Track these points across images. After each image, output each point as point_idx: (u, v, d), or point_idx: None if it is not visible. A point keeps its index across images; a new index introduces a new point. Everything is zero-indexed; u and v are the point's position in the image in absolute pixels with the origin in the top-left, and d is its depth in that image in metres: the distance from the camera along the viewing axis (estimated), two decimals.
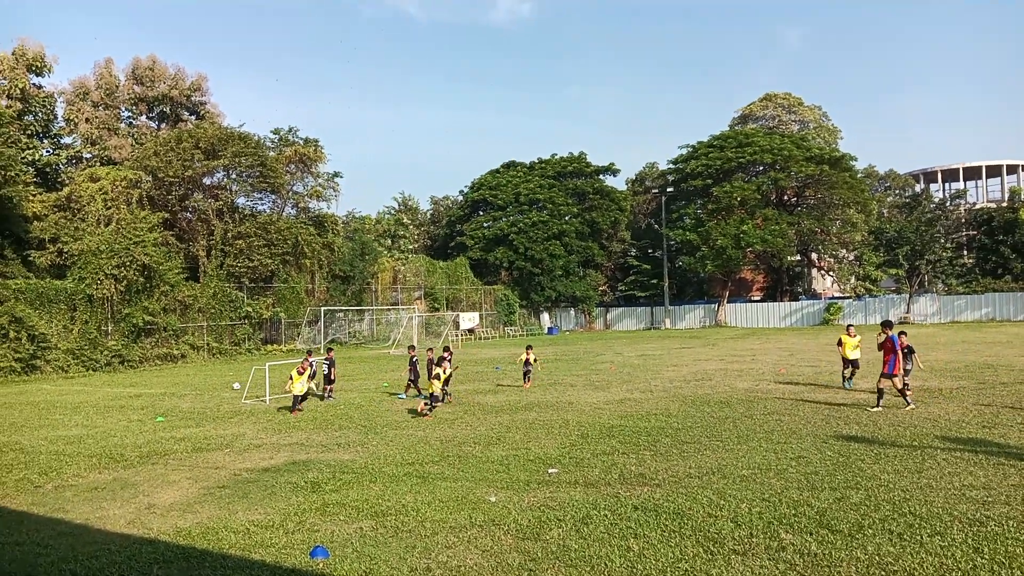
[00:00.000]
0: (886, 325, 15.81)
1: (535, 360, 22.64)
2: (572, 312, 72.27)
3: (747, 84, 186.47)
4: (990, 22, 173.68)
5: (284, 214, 51.13)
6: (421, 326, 51.47)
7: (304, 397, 18.64)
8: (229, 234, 44.45)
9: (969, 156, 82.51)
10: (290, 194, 52.13)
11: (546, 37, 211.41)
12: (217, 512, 9.24)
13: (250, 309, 43.49)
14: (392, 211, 74.73)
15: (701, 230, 62.60)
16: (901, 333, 16.89)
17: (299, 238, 46.69)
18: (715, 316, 67.02)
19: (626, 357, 32.83)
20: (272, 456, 12.76)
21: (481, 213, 71.28)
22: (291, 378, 18.66)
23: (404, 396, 20.51)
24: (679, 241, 65.59)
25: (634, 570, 6.62)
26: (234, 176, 47.03)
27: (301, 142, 52.67)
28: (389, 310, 54.85)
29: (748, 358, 29.66)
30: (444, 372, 17.42)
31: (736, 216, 61.56)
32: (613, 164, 71.91)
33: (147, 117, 52.40)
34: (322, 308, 47.06)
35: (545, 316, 70.36)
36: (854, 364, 19.08)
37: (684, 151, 67.75)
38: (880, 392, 15.24)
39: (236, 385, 25.48)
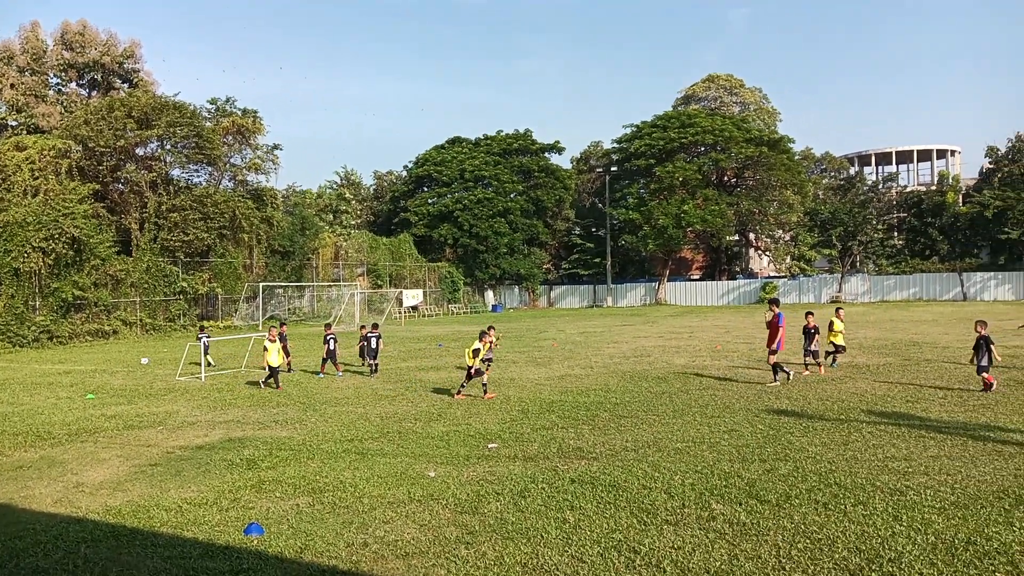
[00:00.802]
0: (773, 303, 16.43)
1: (498, 340, 19.97)
2: (516, 290, 72.53)
3: (691, 64, 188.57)
4: (924, 12, 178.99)
5: (221, 187, 49.79)
6: (363, 303, 50.98)
7: (273, 372, 17.85)
8: (163, 207, 43.10)
9: (902, 140, 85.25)
10: (227, 166, 50.75)
11: (495, 11, 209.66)
12: (148, 490, 9.05)
13: (185, 284, 42.39)
14: (334, 186, 73.51)
15: (644, 209, 63.35)
16: (808, 313, 17.54)
17: (237, 212, 45.54)
18: (656, 294, 68.12)
19: (568, 334, 33.15)
20: (207, 433, 12.53)
21: (426, 189, 70.70)
22: (265, 349, 18.06)
23: (322, 374, 20.22)
24: (622, 220, 66.28)
25: (569, 541, 6.73)
26: (169, 147, 45.48)
27: (239, 113, 51.19)
28: (330, 287, 54.12)
29: (686, 335, 30.28)
30: (484, 348, 16.01)
31: (678, 196, 62.45)
32: (559, 142, 72.06)
33: (77, 84, 50.20)
34: (260, 284, 46.15)
35: (490, 294, 70.45)
36: (841, 349, 18.89)
37: (628, 131, 68.28)
38: (774, 367, 15.93)
39: (145, 360, 25.15)
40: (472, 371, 15.39)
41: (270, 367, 17.88)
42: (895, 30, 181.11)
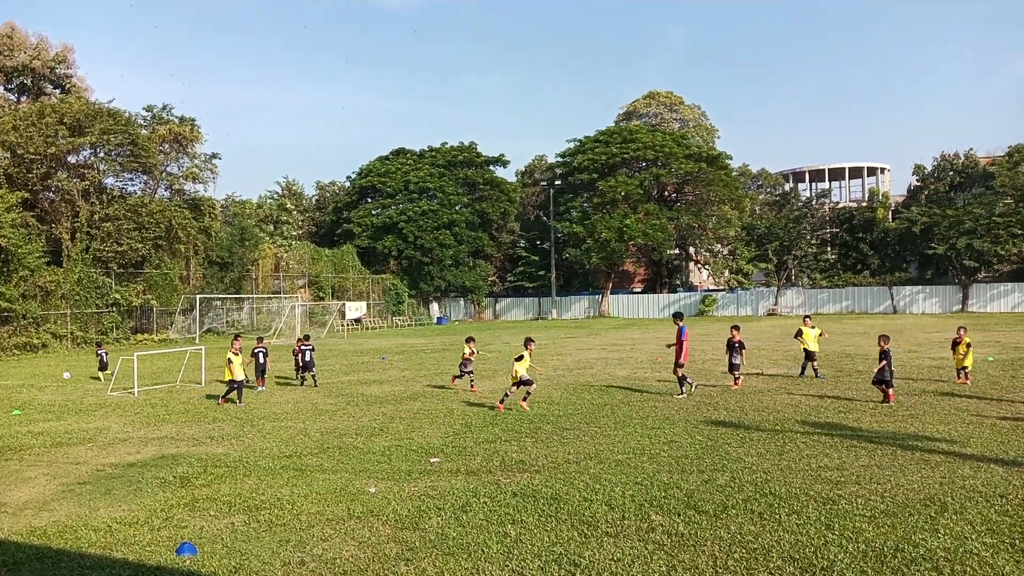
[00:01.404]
0: (677, 316, 16.92)
1: (476, 353, 19.50)
2: (462, 302, 72.37)
3: (633, 81, 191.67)
4: (856, 35, 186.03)
5: (157, 196, 48.46)
6: (305, 315, 50.15)
7: (239, 386, 17.18)
8: (96, 216, 41.74)
9: (834, 158, 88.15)
10: (163, 175, 49.44)
11: (439, 23, 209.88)
12: (76, 510, 8.71)
13: (118, 296, 41.07)
14: (275, 196, 72.22)
15: (587, 223, 64.06)
16: (733, 327, 17.82)
17: (173, 222, 44.37)
18: (599, 307, 68.80)
19: (513, 347, 33.17)
20: (139, 450, 12.13)
21: (369, 200, 70.10)
22: (229, 361, 17.34)
23: (263, 388, 19.82)
24: (566, 233, 66.87)
25: (510, 555, 6.72)
26: (102, 155, 44.12)
27: (176, 121, 49.97)
28: (270, 299, 53.11)
29: (628, 347, 30.63)
30: (529, 356, 15.67)
31: (620, 210, 63.35)
32: (503, 155, 72.44)
33: (5, 89, 48.38)
34: (197, 296, 44.99)
35: (435, 306, 70.11)
36: (812, 356, 19.11)
37: (572, 145, 69.06)
38: (680, 379, 16.34)
39: (67, 375, 24.39)
40: (522, 381, 14.98)
41: (232, 381, 17.22)
42: (828, 51, 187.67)
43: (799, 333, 19.42)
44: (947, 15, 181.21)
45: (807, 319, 20.19)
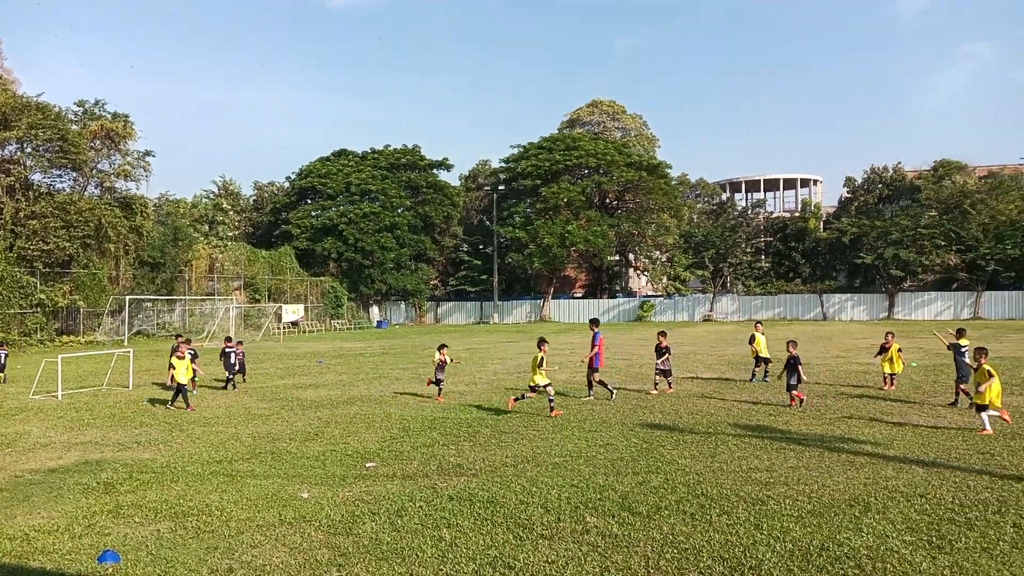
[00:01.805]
0: (593, 323, 17.16)
1: (451, 361, 18.40)
2: (403, 306, 71.83)
3: (577, 89, 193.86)
4: (791, 48, 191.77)
5: (86, 193, 46.70)
6: (240, 318, 49.02)
7: (181, 390, 16.65)
8: (21, 213, 40.00)
9: (769, 169, 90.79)
10: (94, 172, 47.68)
11: (384, 25, 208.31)
12: None
13: (43, 296, 39.39)
14: (211, 195, 70.48)
15: (530, 228, 64.40)
16: (660, 333, 18.00)
17: (103, 220, 42.80)
18: (540, 312, 69.17)
19: (454, 351, 33.01)
20: (61, 456, 11.65)
21: (309, 201, 68.99)
22: (171, 366, 16.84)
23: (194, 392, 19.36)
24: (509, 238, 67.08)
25: (444, 559, 6.67)
26: (29, 150, 42.25)
27: (109, 116, 48.26)
28: (204, 300, 51.73)
29: (568, 352, 30.84)
30: (541, 357, 15.08)
31: (562, 216, 63.89)
32: (447, 159, 72.27)
33: None
34: (127, 297, 43.51)
35: (375, 309, 69.40)
36: (767, 361, 19.39)
37: (516, 151, 69.38)
38: (590, 383, 16.68)
39: None
40: (537, 386, 14.70)
41: (178, 385, 16.65)
42: (764, 65, 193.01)
43: (752, 339, 19.68)
44: (878, 34, 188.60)
45: (758, 324, 20.50)
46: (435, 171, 71.90)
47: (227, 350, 20.40)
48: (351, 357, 30.68)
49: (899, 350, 17.49)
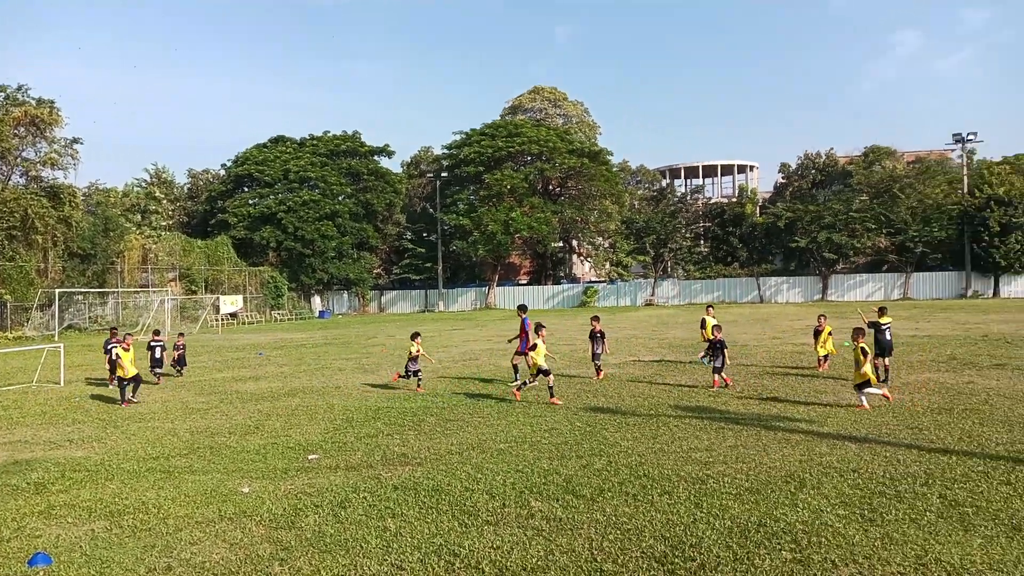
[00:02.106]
0: (521, 309, 17.25)
1: (419, 353, 16.97)
2: (345, 295, 70.96)
3: (519, 75, 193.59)
4: (728, 37, 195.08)
5: (11, 183, 44.75)
6: (175, 310, 47.73)
7: (133, 381, 16.15)
8: None
9: (708, 156, 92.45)
10: (18, 160, 45.67)
11: (324, 9, 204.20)
12: None
13: None
14: (143, 184, 68.23)
15: (474, 215, 64.24)
16: (594, 318, 17.93)
17: (29, 211, 41.13)
18: (485, 299, 69.21)
19: (399, 340, 32.82)
20: None
21: (246, 189, 67.41)
22: (117, 357, 16.19)
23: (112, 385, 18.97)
24: (453, 225, 66.83)
25: (389, 549, 6.62)
26: None
27: (33, 102, 46.17)
28: (138, 293, 50.16)
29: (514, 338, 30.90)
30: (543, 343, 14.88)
31: (506, 203, 63.90)
32: (388, 145, 71.46)
33: None
34: (57, 290, 41.88)
35: (317, 299, 68.37)
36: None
37: (458, 137, 69.02)
38: (515, 368, 16.68)
39: None
40: (540, 370, 14.35)
41: (124, 378, 16.10)
42: (701, 53, 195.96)
43: (703, 323, 19.66)
44: (812, 23, 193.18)
45: (710, 308, 20.59)
46: (376, 158, 71.04)
47: (152, 344, 19.97)
48: (292, 348, 30.18)
49: (830, 332, 17.93)
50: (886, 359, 15.82)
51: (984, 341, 23.11)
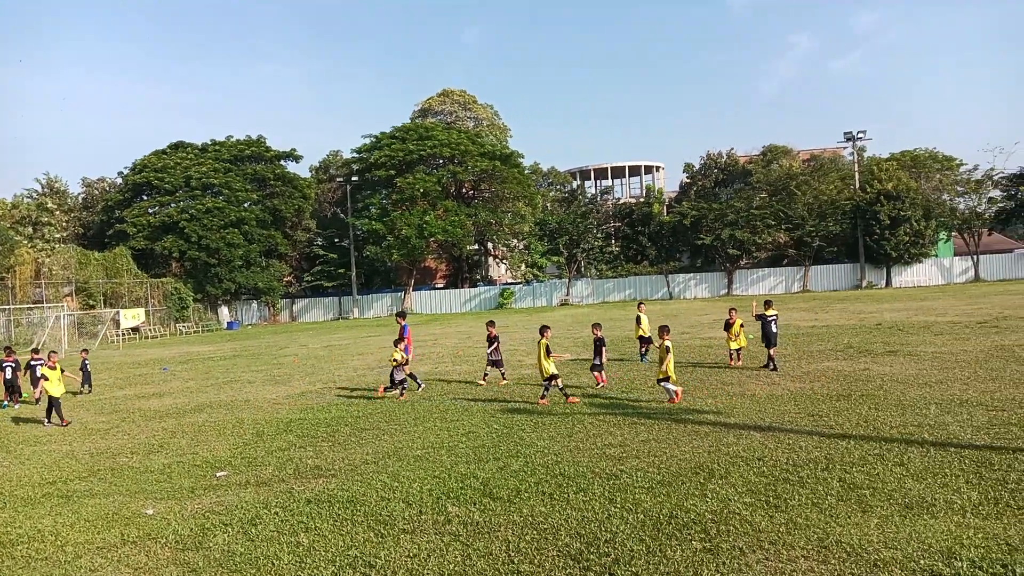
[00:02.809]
0: (400, 315, 17.28)
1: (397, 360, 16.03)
2: (255, 305, 68.96)
3: (428, 78, 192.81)
4: (633, 40, 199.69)
5: None
6: (73, 326, 45.30)
7: (54, 404, 15.41)
8: None
9: (616, 157, 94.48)
10: None
11: (226, 11, 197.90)
12: None
13: None
14: (34, 195, 64.49)
15: (387, 220, 63.49)
16: (489, 323, 17.78)
17: None
18: (402, 304, 68.53)
19: (311, 349, 32.15)
20: None
21: (145, 198, 64.57)
22: (45, 378, 15.45)
23: (7, 404, 18.25)
24: (365, 231, 65.84)
25: (303, 564, 6.47)
26: None
27: None
28: (31, 309, 47.35)
29: (430, 342, 30.76)
30: (545, 343, 14.21)
31: (419, 207, 63.44)
32: (295, 150, 69.88)
33: None
34: None
35: (224, 310, 66.16)
36: (649, 341, 19.52)
37: (368, 141, 68.07)
38: (405, 376, 16.26)
39: None
40: (553, 377, 13.89)
41: (50, 398, 15.44)
42: (604, 56, 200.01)
43: (638, 320, 19.91)
44: (712, 26, 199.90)
45: (641, 305, 20.69)
46: (283, 162, 69.34)
47: (32, 363, 19.03)
48: (199, 362, 29.12)
49: (741, 325, 18.44)
50: (771, 349, 16.77)
51: (878, 329, 24.42)
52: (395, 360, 15.83)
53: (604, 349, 15.89)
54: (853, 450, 9.06)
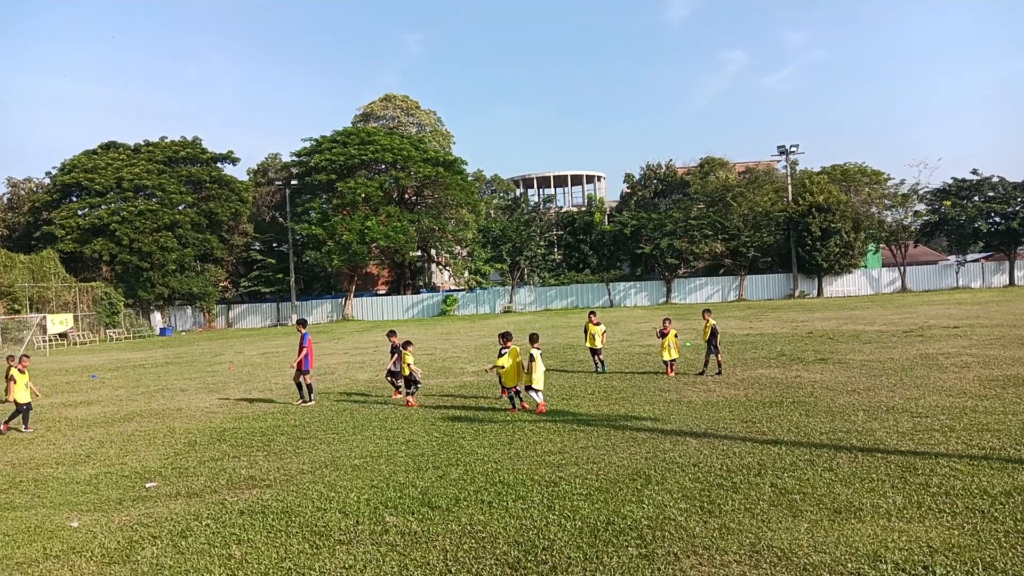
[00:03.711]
0: (301, 323, 16.90)
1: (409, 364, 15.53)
2: (189, 310, 67.13)
3: (370, 83, 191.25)
4: (575, 52, 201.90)
5: None
6: None
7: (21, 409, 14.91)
8: None
9: (558, 166, 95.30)
10: None
11: (159, 8, 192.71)
12: None
13: None
14: None
15: (327, 225, 62.58)
16: (390, 333, 17.35)
17: None
18: (343, 310, 67.64)
19: (248, 356, 31.47)
20: None
21: (75, 199, 62.24)
22: (12, 380, 14.77)
23: None
24: (305, 235, 64.77)
25: None
26: None
27: None
28: None
29: (371, 350, 30.43)
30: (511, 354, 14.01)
31: (361, 212, 62.74)
32: (232, 152, 68.31)
33: None
34: None
35: (157, 316, 64.18)
36: (598, 351, 19.08)
37: (308, 144, 67.05)
38: (299, 386, 16.33)
39: None
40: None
41: (18, 405, 14.94)
42: (553, 66, 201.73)
43: (585, 330, 19.43)
44: (650, 40, 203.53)
45: (592, 315, 19.78)
46: (219, 165, 67.69)
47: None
48: (130, 369, 28.19)
49: (676, 335, 18.34)
50: (718, 356, 17.32)
51: (809, 337, 25.17)
52: (408, 364, 15.33)
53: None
54: (785, 456, 9.29)
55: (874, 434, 10.26)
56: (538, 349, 13.84)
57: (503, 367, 13.73)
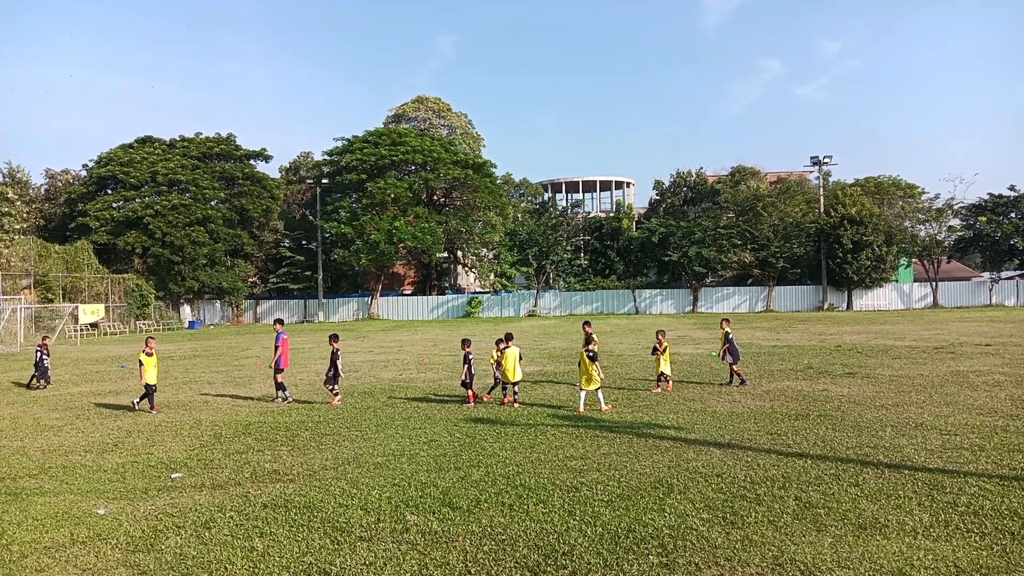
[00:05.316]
0: (278, 322, 17.29)
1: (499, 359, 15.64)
2: (218, 304, 67.97)
3: (402, 84, 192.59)
4: (607, 57, 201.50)
5: None
6: (30, 320, 44.20)
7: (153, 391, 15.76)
8: None
9: (587, 171, 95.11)
10: None
11: (198, 6, 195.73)
12: None
13: None
14: None
15: (356, 224, 63.07)
16: (332, 336, 17.05)
17: None
18: (368, 309, 68.08)
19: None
20: None
21: (110, 192, 63.38)
22: (140, 363, 15.95)
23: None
24: (334, 234, 65.33)
25: (256, 570, 6.37)
26: None
27: None
28: None
29: (396, 349, 30.60)
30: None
31: (389, 212, 63.14)
32: (265, 150, 69.11)
33: None
34: None
35: (186, 309, 65.08)
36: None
37: (340, 144, 67.64)
38: (279, 386, 16.47)
39: None
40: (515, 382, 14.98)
41: (147, 386, 15.76)
42: (586, 72, 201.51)
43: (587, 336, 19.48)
44: (684, 49, 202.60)
45: (587, 324, 19.49)
46: (252, 162, 68.53)
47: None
48: (159, 360, 28.57)
49: (666, 348, 17.05)
50: (735, 365, 17.27)
51: (838, 351, 24.84)
52: (493, 358, 16.16)
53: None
54: (810, 469, 9.18)
55: (902, 450, 10.10)
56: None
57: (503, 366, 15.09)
